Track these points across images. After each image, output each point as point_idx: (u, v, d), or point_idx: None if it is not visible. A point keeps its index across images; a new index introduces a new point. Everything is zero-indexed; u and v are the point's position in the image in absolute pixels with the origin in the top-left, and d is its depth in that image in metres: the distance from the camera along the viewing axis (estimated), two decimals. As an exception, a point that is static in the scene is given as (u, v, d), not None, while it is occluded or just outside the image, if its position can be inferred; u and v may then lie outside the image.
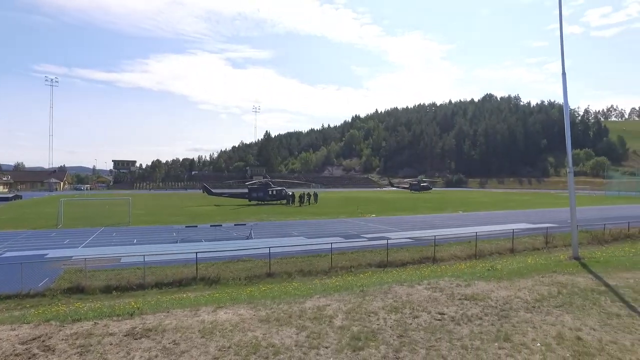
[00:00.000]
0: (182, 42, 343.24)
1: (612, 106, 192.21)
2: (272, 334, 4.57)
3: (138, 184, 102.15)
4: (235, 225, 24.57)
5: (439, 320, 4.98)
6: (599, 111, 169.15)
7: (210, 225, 23.67)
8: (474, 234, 19.97)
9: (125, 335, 4.49)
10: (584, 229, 26.23)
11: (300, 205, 42.97)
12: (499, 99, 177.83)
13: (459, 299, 5.80)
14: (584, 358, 3.93)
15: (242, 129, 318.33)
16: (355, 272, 14.17)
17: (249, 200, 45.93)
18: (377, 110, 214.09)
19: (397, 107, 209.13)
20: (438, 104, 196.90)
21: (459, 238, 21.21)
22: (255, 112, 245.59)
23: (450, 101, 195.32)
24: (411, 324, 4.88)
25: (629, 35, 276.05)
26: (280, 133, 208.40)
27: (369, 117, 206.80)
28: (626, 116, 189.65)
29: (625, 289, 6.20)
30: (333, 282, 10.38)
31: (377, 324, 4.87)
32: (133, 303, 7.41)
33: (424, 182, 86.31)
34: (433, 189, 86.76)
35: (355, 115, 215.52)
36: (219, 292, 10.63)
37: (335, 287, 7.17)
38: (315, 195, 48.42)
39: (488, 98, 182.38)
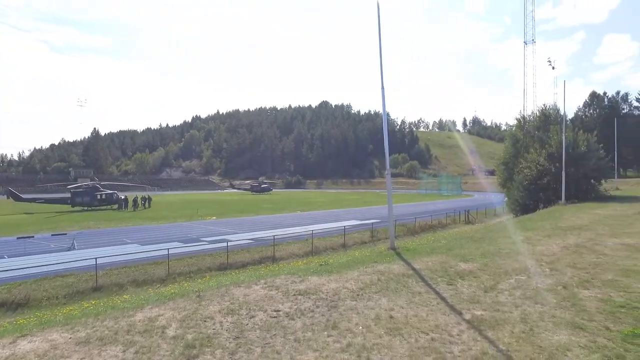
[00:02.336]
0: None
1: (420, 119, 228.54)
2: (92, 357, 4.06)
3: None
4: (52, 235, 21.13)
5: (274, 317, 5.16)
6: (412, 122, 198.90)
7: (17, 238, 19.83)
8: (311, 232, 21.34)
9: None
10: (401, 223, 30.29)
11: (134, 210, 39.37)
12: (333, 107, 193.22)
13: (294, 295, 6.11)
14: (394, 332, 4.56)
15: (63, 125, 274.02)
16: (194, 278, 13.65)
17: (72, 206, 40.01)
18: (218, 112, 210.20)
19: (238, 109, 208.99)
20: (279, 108, 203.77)
21: (297, 236, 22.34)
22: (81, 106, 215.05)
23: (290, 106, 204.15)
24: (247, 324, 4.93)
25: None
26: (112, 131, 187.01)
27: (209, 118, 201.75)
28: (430, 128, 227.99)
29: (425, 271, 7.43)
30: (169, 290, 9.80)
31: (213, 329, 4.78)
32: None
33: (265, 183, 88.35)
34: (273, 190, 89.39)
35: (196, 116, 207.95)
36: (26, 317, 8.96)
37: (170, 295, 6.77)
38: (149, 199, 44.81)
39: (324, 105, 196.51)
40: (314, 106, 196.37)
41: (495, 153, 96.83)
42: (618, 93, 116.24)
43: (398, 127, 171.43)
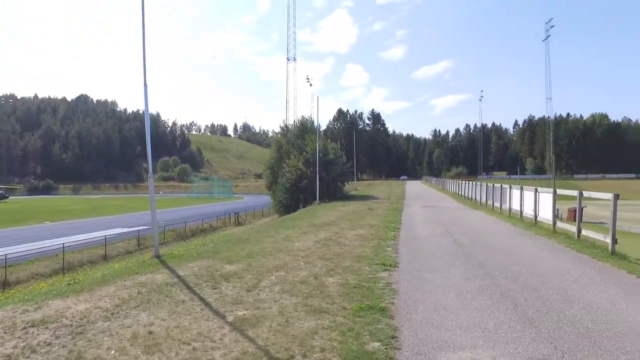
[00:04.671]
0: None
1: (193, 121, 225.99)
2: None
3: None
4: None
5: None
6: (184, 124, 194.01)
7: None
8: (61, 245, 18.06)
9: None
10: (171, 228, 28.98)
11: None
12: (95, 102, 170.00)
13: (23, 329, 4.93)
14: (152, 350, 4.20)
15: None
16: None
17: None
18: None
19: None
20: (19, 97, 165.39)
21: (43, 252, 18.59)
22: None
23: (36, 95, 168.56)
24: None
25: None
26: None
27: None
28: (202, 131, 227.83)
29: (190, 277, 7.23)
30: None
31: None
32: None
33: (-4, 189, 70.35)
34: (9, 197, 72.06)
35: None
36: None
37: None
38: None
39: (83, 99, 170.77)
40: (69, 99, 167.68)
41: (263, 158, 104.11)
42: (356, 111, 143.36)
43: (169, 128, 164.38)
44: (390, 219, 16.57)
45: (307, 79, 59.13)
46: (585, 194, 11.59)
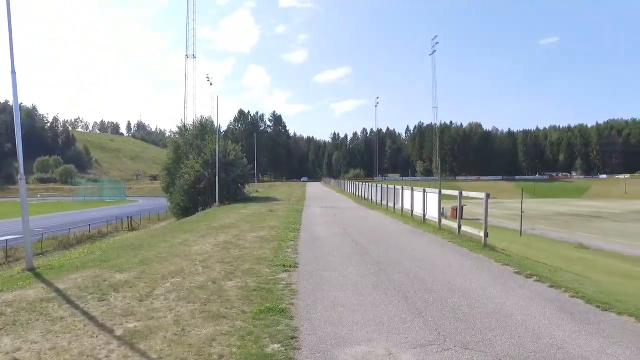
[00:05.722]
0: None
1: (78, 117, 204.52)
2: None
3: None
4: None
5: None
6: (68, 120, 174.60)
7: None
8: None
9: None
10: (52, 236, 25.87)
11: None
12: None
13: None
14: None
15: None
16: None
17: None
18: None
19: None
20: None
21: None
22: None
23: None
24: None
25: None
26: None
27: None
28: (90, 128, 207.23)
29: (72, 290, 6.49)
30: None
31: None
32: None
33: None
34: None
35: None
36: None
37: None
38: None
39: None
40: None
41: (159, 158, 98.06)
42: (257, 113, 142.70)
43: (49, 124, 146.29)
44: (291, 220, 16.75)
45: (208, 78, 57.30)
46: (464, 193, 13.00)
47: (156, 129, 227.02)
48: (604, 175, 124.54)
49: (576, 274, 9.47)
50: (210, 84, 57.32)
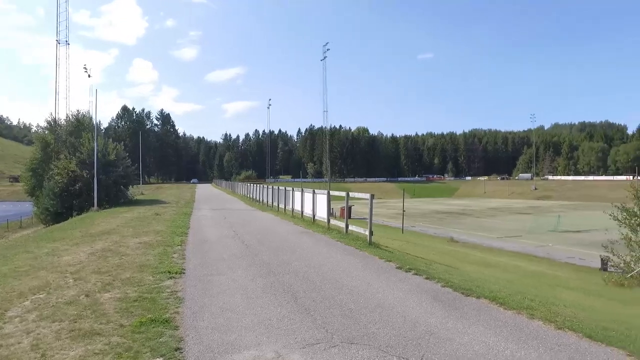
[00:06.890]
0: None
1: None
2: None
3: None
4: None
5: None
6: None
7: None
8: None
9: None
10: None
11: None
12: None
13: None
14: None
15: None
16: None
17: None
18: None
19: None
20: None
21: None
22: None
23: None
24: None
25: None
26: None
27: None
28: None
29: None
30: None
31: None
32: None
33: None
34: None
35: None
36: None
37: None
38: None
39: None
40: None
41: (23, 157, 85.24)
42: (143, 110, 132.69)
43: None
44: (178, 224, 15.92)
45: (85, 68, 51.31)
46: (351, 194, 13.72)
47: (20, 123, 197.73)
48: (469, 178, 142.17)
49: (447, 266, 10.63)
50: (89, 75, 51.46)
